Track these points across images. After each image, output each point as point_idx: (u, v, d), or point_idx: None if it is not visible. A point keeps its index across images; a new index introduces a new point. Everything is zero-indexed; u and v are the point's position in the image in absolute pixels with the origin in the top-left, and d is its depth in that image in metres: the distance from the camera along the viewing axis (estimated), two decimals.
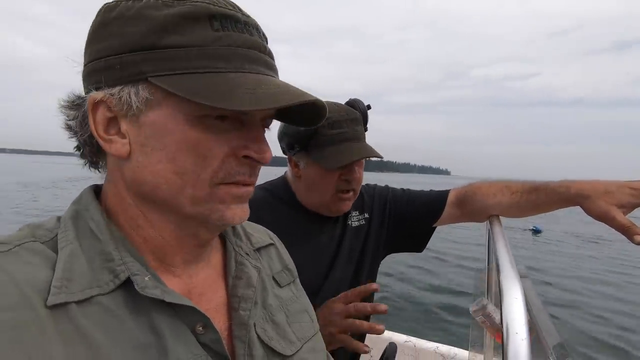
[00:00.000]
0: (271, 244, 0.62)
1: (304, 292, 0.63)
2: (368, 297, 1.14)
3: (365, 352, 0.83)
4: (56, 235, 0.40)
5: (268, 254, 0.60)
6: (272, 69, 0.43)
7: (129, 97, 0.38)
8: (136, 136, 0.39)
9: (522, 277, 0.79)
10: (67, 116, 0.43)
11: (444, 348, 1.81)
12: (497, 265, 0.63)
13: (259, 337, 0.47)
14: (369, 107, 1.06)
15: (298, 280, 0.63)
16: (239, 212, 0.43)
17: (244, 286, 0.49)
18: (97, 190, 0.46)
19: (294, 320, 0.54)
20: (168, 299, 0.38)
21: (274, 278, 0.57)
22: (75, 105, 0.42)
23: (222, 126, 0.40)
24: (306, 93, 0.41)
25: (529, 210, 0.96)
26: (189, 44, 0.37)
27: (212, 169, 0.40)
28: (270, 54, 0.44)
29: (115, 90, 0.38)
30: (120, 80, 0.38)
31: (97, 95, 0.39)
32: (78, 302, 0.35)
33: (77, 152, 0.46)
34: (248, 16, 0.42)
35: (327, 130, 0.95)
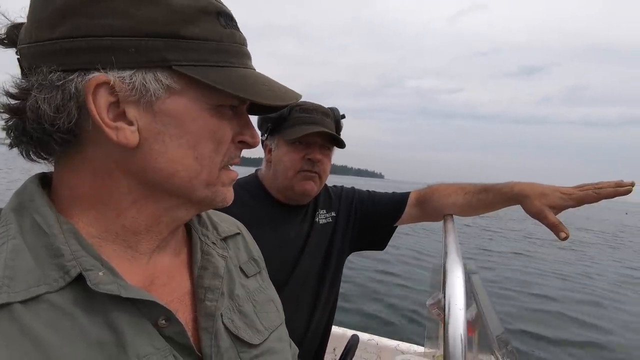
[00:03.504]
0: (238, 234, 0.61)
1: (271, 283, 0.62)
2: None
3: None
4: None
5: (235, 244, 0.59)
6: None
7: (145, 82, 0.36)
8: (149, 123, 0.38)
9: (472, 272, 0.86)
10: (38, 99, 0.35)
11: (404, 345, 1.89)
12: (445, 254, 0.68)
13: (226, 327, 0.46)
14: (343, 116, 1.17)
15: (265, 272, 0.63)
16: (231, 193, 0.47)
17: (210, 276, 0.48)
18: (43, 179, 0.42)
19: (261, 310, 0.54)
20: (125, 294, 0.36)
21: (240, 268, 0.56)
22: (55, 86, 0.35)
23: (230, 114, 0.43)
24: (294, 91, 0.46)
25: (480, 209, 1.03)
26: (207, 38, 0.38)
27: (222, 154, 0.43)
28: None
29: (126, 74, 0.36)
30: (134, 65, 0.36)
31: (107, 76, 0.35)
32: (23, 302, 0.33)
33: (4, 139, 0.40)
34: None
35: (298, 113, 1.08)
